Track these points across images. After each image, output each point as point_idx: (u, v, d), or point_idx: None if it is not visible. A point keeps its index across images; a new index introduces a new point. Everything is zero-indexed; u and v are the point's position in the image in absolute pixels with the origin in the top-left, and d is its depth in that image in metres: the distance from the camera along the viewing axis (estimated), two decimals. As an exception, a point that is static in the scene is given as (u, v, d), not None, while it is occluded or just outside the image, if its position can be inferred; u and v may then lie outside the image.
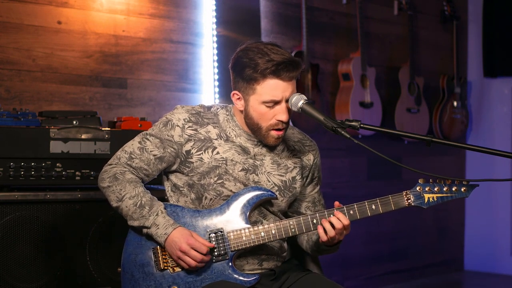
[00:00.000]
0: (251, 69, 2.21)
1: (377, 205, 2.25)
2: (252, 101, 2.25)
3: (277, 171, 2.35)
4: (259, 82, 2.21)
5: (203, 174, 2.29)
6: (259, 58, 2.20)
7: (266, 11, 4.44)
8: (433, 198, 2.26)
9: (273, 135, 2.28)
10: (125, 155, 2.32)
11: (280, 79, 2.21)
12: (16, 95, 3.40)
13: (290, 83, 2.23)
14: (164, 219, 2.23)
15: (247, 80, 2.23)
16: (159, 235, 2.21)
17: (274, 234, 2.25)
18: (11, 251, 2.75)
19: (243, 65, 2.23)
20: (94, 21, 3.65)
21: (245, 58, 2.23)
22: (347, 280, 4.91)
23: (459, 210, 5.81)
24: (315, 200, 2.46)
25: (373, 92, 4.84)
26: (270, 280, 2.31)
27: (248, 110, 2.27)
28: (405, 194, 2.27)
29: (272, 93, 2.21)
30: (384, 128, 2.33)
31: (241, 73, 2.24)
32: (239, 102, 2.30)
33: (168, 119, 2.33)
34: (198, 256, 2.18)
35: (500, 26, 5.57)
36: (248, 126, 2.31)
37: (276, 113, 2.24)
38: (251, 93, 2.24)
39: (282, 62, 2.19)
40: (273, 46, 2.24)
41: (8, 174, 2.79)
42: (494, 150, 2.15)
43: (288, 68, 2.20)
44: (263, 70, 2.19)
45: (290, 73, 2.21)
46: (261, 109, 2.24)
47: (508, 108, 5.67)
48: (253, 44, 2.26)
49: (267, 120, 2.25)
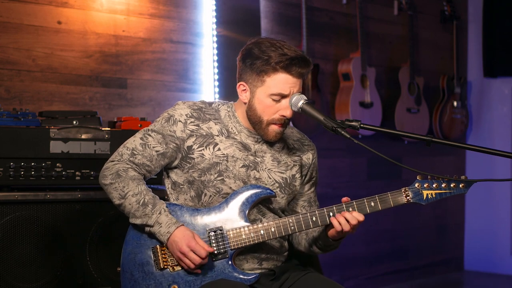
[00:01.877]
0: (263, 61, 2.22)
1: (376, 202, 2.26)
2: (259, 93, 2.26)
3: (277, 168, 2.36)
4: (269, 74, 2.23)
5: (203, 171, 2.30)
6: (272, 51, 2.22)
7: (266, 11, 4.44)
8: (431, 195, 2.26)
9: (273, 129, 2.29)
10: (127, 152, 2.32)
11: (290, 74, 2.23)
12: (16, 95, 3.40)
13: (299, 80, 2.25)
14: (167, 217, 2.23)
15: (258, 72, 2.24)
16: (162, 234, 2.22)
17: (273, 232, 2.25)
18: (11, 251, 2.75)
19: (255, 56, 2.24)
20: (94, 21, 3.65)
21: (258, 50, 2.24)
22: (347, 280, 4.91)
23: (459, 210, 5.81)
24: (311, 200, 2.46)
25: (373, 92, 4.84)
26: (270, 280, 2.31)
27: (253, 102, 2.28)
28: (403, 191, 2.27)
29: (281, 87, 2.23)
30: (384, 128, 2.34)
31: (252, 64, 2.25)
32: (244, 94, 2.31)
33: (170, 114, 2.33)
34: (196, 259, 2.18)
35: (500, 26, 5.57)
36: (250, 119, 2.32)
37: (280, 107, 2.25)
38: (259, 85, 2.26)
39: (295, 57, 2.22)
40: (285, 42, 2.27)
41: (8, 174, 2.79)
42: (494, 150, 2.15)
43: (300, 64, 2.22)
44: (277, 63, 2.21)
45: (301, 70, 2.24)
46: (266, 102, 2.25)
47: (508, 108, 5.67)
48: (264, 38, 2.29)
49: (270, 114, 2.26)
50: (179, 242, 2.19)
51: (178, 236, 2.20)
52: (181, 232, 2.20)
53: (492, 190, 5.64)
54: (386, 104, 5.02)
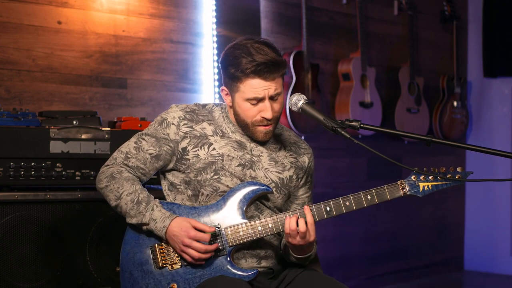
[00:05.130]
0: (234, 68, 2.24)
1: (372, 196, 2.26)
2: (237, 97, 2.28)
3: (274, 168, 2.37)
4: (241, 80, 2.24)
5: (199, 171, 2.30)
6: (242, 57, 2.23)
7: (266, 11, 4.44)
8: (428, 187, 2.26)
9: (260, 130, 2.30)
10: (121, 155, 2.34)
11: (262, 78, 2.23)
12: (16, 95, 3.40)
13: (273, 82, 2.25)
14: (160, 212, 2.24)
15: (231, 78, 2.27)
16: (159, 229, 2.22)
17: (271, 228, 2.26)
18: (11, 251, 2.75)
19: (228, 63, 2.27)
20: (94, 21, 3.65)
21: (231, 56, 2.26)
22: (347, 280, 4.91)
23: (459, 210, 5.81)
24: (305, 204, 2.46)
25: (373, 92, 4.84)
26: (268, 279, 2.32)
27: (234, 106, 2.31)
28: (400, 184, 2.27)
29: (254, 91, 2.24)
30: (384, 128, 2.33)
31: (226, 70, 2.28)
32: (227, 98, 2.33)
33: (163, 118, 2.35)
34: (201, 247, 2.19)
35: (500, 26, 5.57)
36: (237, 122, 2.34)
37: (260, 109, 2.27)
38: (235, 90, 2.27)
39: (263, 63, 2.21)
40: (261, 44, 2.25)
41: (8, 174, 2.79)
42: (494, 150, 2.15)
43: (269, 69, 2.22)
44: (244, 70, 2.22)
45: (272, 74, 2.23)
46: (245, 106, 2.27)
47: (508, 108, 5.67)
48: (242, 41, 2.28)
49: (252, 116, 2.28)
50: (179, 236, 2.20)
51: (176, 229, 2.20)
52: (178, 224, 2.21)
53: (492, 190, 5.64)
54: (386, 104, 5.02)
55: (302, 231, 2.19)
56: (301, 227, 2.19)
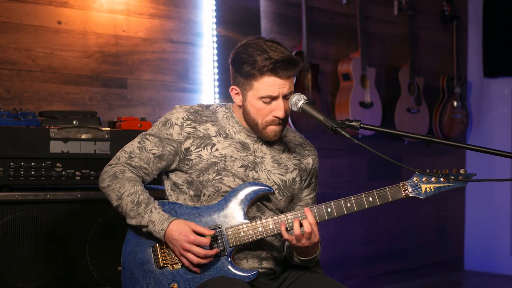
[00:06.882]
0: (249, 65, 2.23)
1: (374, 197, 2.25)
2: (249, 96, 2.27)
3: (277, 170, 2.36)
4: (256, 78, 2.23)
5: (202, 171, 2.30)
6: (257, 55, 2.22)
7: (266, 11, 4.44)
8: (430, 189, 2.26)
9: (271, 129, 2.29)
10: (125, 155, 2.34)
11: (277, 76, 2.22)
12: (16, 95, 3.40)
13: (287, 80, 2.25)
14: (159, 214, 2.24)
15: (245, 76, 2.25)
16: (157, 232, 2.22)
17: (272, 228, 2.25)
18: (11, 251, 2.75)
19: (242, 61, 2.25)
20: (94, 21, 3.65)
21: (244, 54, 2.25)
22: (347, 280, 4.91)
23: (459, 210, 5.81)
24: (308, 205, 2.45)
25: (373, 92, 4.84)
26: (269, 280, 2.32)
27: (245, 105, 2.29)
28: (402, 185, 2.27)
29: (269, 89, 2.23)
30: (384, 128, 2.33)
31: (240, 69, 2.26)
32: (237, 97, 2.32)
33: (167, 118, 2.35)
34: (201, 252, 2.18)
35: (500, 26, 5.57)
36: (246, 121, 2.33)
37: (273, 109, 2.26)
38: (248, 88, 2.26)
39: (280, 60, 2.21)
40: (273, 43, 2.25)
41: (8, 174, 2.79)
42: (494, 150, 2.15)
43: (286, 67, 2.22)
44: (261, 67, 2.21)
45: (288, 72, 2.23)
46: (258, 105, 2.26)
47: (508, 108, 5.67)
48: (253, 40, 2.28)
49: (264, 116, 2.27)
50: (178, 240, 2.19)
51: (175, 233, 2.20)
52: (177, 228, 2.21)
53: (492, 190, 5.64)
54: (386, 104, 5.02)
55: (308, 232, 2.19)
56: (306, 227, 2.19)
